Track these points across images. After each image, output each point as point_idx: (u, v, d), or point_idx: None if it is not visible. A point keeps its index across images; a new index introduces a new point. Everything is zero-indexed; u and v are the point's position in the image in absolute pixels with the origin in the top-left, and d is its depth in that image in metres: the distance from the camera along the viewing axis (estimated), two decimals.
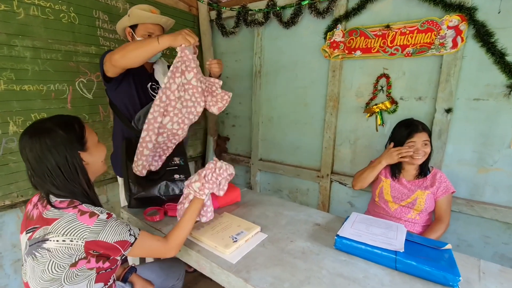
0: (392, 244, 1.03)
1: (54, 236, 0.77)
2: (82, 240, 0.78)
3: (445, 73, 1.57)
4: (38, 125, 0.83)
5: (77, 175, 0.85)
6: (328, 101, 2.01)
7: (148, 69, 1.53)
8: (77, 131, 0.87)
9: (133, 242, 0.88)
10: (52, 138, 0.81)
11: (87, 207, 0.84)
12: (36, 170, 0.82)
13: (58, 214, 0.80)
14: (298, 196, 2.35)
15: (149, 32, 1.40)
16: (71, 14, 1.63)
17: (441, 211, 1.43)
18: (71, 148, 0.83)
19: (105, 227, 0.82)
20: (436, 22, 1.55)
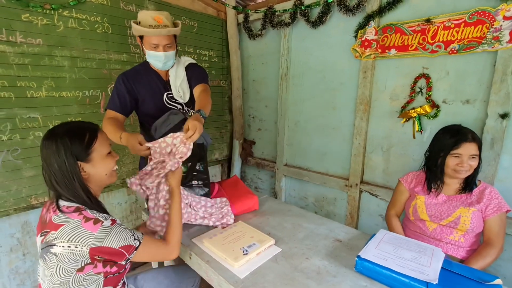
0: (424, 273, 0.89)
1: (60, 241, 0.80)
2: (86, 247, 0.80)
3: (500, 72, 1.34)
4: (55, 129, 0.87)
5: (74, 183, 0.85)
6: (358, 104, 1.86)
7: (164, 76, 1.49)
8: (84, 141, 0.87)
9: (138, 246, 0.89)
10: (57, 144, 0.83)
11: (92, 213, 0.85)
12: (45, 171, 0.85)
13: (64, 220, 0.82)
14: (325, 205, 2.22)
15: (154, 44, 1.31)
16: (105, 25, 1.74)
17: (491, 233, 1.21)
18: (71, 157, 0.84)
19: (109, 233, 0.83)
20: (489, 12, 1.33)
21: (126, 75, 1.42)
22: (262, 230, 1.23)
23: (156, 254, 0.97)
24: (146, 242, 0.93)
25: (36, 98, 1.53)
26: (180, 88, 1.48)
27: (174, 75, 1.47)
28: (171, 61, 1.41)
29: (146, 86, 1.44)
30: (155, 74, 1.46)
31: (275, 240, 1.16)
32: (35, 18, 1.48)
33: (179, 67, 1.48)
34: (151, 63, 1.42)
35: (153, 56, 1.36)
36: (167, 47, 1.34)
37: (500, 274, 1.48)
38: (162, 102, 1.47)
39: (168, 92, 1.49)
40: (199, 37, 2.30)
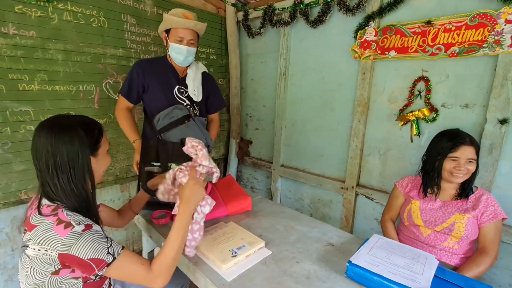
0: (416, 281, 0.86)
1: (32, 243, 0.74)
2: (55, 252, 0.73)
3: (501, 76, 1.31)
4: (59, 120, 0.81)
5: (82, 177, 0.82)
6: (356, 106, 1.84)
7: (180, 72, 1.55)
8: (94, 136, 0.86)
9: (110, 262, 0.77)
10: (70, 135, 0.79)
11: (68, 216, 0.77)
12: (42, 164, 0.78)
13: (39, 221, 0.76)
14: (320, 207, 2.19)
15: (180, 37, 1.40)
16: (101, 19, 1.71)
17: (486, 240, 1.18)
18: (85, 149, 0.81)
19: (77, 240, 0.73)
20: (491, 15, 1.30)
21: (141, 64, 1.49)
22: (253, 232, 1.21)
23: (134, 276, 0.81)
24: (124, 260, 0.80)
25: (28, 91, 1.51)
26: (196, 88, 1.56)
27: (193, 76, 1.54)
28: (191, 57, 1.48)
29: (158, 77, 1.49)
30: (171, 69, 1.52)
31: (266, 243, 1.13)
32: (28, 9, 1.45)
33: (198, 70, 1.58)
34: (172, 57, 1.47)
35: (176, 49, 1.42)
36: (190, 42, 1.42)
37: (495, 282, 1.46)
38: (172, 95, 1.51)
39: (179, 86, 1.53)
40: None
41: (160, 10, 1.99)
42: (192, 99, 1.55)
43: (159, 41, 2.02)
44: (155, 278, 0.82)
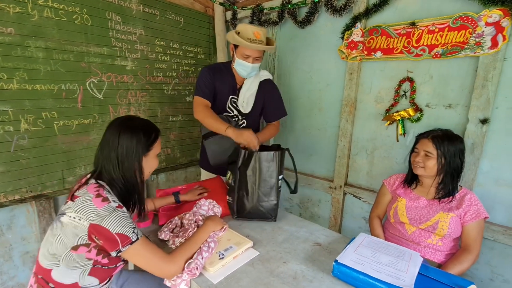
0: (400, 279, 0.88)
1: (70, 211, 0.83)
2: (87, 221, 0.81)
3: (482, 77, 1.35)
4: (128, 120, 0.97)
5: (132, 170, 0.94)
6: (344, 106, 1.85)
7: (239, 82, 1.61)
8: (151, 139, 0.98)
9: (134, 241, 0.85)
10: (133, 133, 0.93)
11: (107, 194, 0.87)
12: (104, 151, 0.93)
13: (82, 193, 0.86)
14: (309, 207, 2.20)
15: (247, 55, 1.44)
16: (84, 16, 1.66)
17: (469, 239, 1.21)
18: (140, 148, 0.95)
19: (111, 214, 0.83)
20: (471, 18, 1.34)
21: (211, 68, 1.58)
22: (241, 232, 1.20)
23: (152, 259, 0.88)
24: (146, 242, 0.89)
25: (6, 90, 1.44)
26: (246, 99, 1.59)
27: (248, 86, 1.58)
28: (254, 72, 1.55)
29: (222, 83, 1.57)
30: (231, 78, 1.59)
31: (253, 243, 1.13)
32: (6, 5, 1.39)
33: (254, 81, 1.60)
34: (236, 70, 1.54)
35: (241, 65, 1.49)
36: (256, 59, 1.47)
37: (476, 277, 1.50)
38: (225, 102, 1.60)
39: (232, 96, 1.60)
40: (186, 33, 2.24)
41: (146, 8, 1.95)
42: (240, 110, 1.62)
43: (145, 40, 1.99)
44: (172, 268, 0.90)
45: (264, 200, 1.29)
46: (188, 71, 2.31)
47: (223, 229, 1.16)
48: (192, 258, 0.96)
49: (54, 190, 1.68)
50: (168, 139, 2.26)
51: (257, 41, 1.41)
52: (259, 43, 1.42)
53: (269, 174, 1.27)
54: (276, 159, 1.26)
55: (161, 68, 2.12)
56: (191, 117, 2.40)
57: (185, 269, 0.92)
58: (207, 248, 1.01)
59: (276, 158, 1.26)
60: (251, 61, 1.46)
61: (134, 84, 1.97)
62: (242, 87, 1.59)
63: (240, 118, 1.65)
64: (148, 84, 2.06)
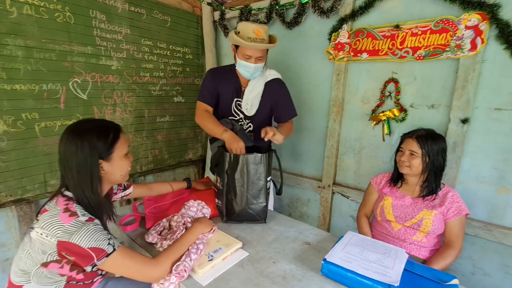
0: (387, 275, 0.89)
1: (37, 226, 0.79)
2: (55, 238, 0.76)
3: (462, 79, 1.40)
4: (80, 124, 0.88)
5: (89, 181, 0.86)
6: (331, 106, 1.88)
7: (244, 84, 1.55)
8: (108, 140, 0.88)
9: (111, 252, 0.81)
10: (83, 140, 0.83)
11: (76, 208, 0.82)
12: (61, 163, 0.86)
13: (50, 207, 0.81)
14: (299, 207, 2.22)
15: (247, 56, 1.37)
16: (66, 14, 1.61)
17: (451, 235, 1.25)
18: (94, 154, 0.85)
19: (80, 229, 0.77)
20: (452, 21, 1.39)
21: (215, 72, 1.54)
22: (230, 233, 1.19)
23: (133, 267, 0.84)
24: (125, 251, 0.84)
25: None
26: (250, 101, 1.53)
27: (251, 88, 1.52)
28: (258, 72, 1.47)
29: (226, 86, 1.52)
30: (236, 80, 1.53)
31: (243, 244, 1.13)
32: None
33: (259, 81, 1.52)
34: (239, 71, 1.49)
35: (243, 66, 1.42)
36: (258, 59, 1.39)
37: (459, 271, 1.55)
38: (229, 108, 1.56)
39: (237, 99, 1.55)
40: (173, 33, 2.22)
41: (132, 6, 1.92)
42: None
43: (131, 39, 1.95)
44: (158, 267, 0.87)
45: (253, 202, 1.28)
46: (176, 71, 2.29)
47: (212, 230, 1.15)
48: (180, 260, 0.94)
49: (36, 194, 1.62)
50: (155, 140, 2.22)
51: (258, 39, 1.33)
52: (260, 42, 1.34)
53: (257, 176, 1.26)
54: (264, 161, 1.25)
55: (148, 68, 2.08)
56: (179, 117, 2.37)
57: (173, 271, 0.90)
58: (195, 250, 1.00)
59: (264, 161, 1.25)
60: (253, 61, 1.38)
61: (120, 84, 1.93)
62: (246, 89, 1.53)
63: (245, 122, 1.59)
64: (135, 84, 2.02)
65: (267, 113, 1.60)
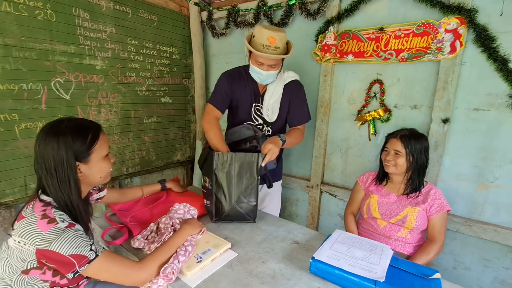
0: (373, 271, 0.92)
1: (14, 234, 0.76)
2: (33, 247, 0.74)
3: (443, 80, 1.45)
4: (57, 124, 0.83)
5: (67, 183, 0.82)
6: (319, 107, 1.91)
7: (261, 88, 1.49)
8: (86, 141, 0.84)
9: (93, 259, 0.78)
10: (59, 141, 0.80)
11: (55, 213, 0.79)
12: (37, 164, 0.82)
13: (27, 213, 0.78)
14: (287, 206, 2.24)
15: (260, 62, 1.32)
16: (48, 11, 1.56)
17: (434, 231, 1.30)
18: (71, 156, 0.82)
19: (60, 236, 0.74)
20: (433, 25, 1.44)
21: (230, 75, 1.46)
22: (219, 234, 1.19)
23: (119, 272, 0.82)
24: (108, 256, 0.82)
25: None
26: (271, 107, 1.48)
27: (271, 93, 1.46)
28: (271, 79, 1.41)
29: (243, 90, 1.46)
30: (253, 82, 1.47)
31: (232, 244, 1.12)
32: None
33: (278, 85, 1.46)
34: (252, 76, 1.43)
35: (255, 72, 1.37)
36: (271, 66, 1.33)
37: (441, 266, 1.61)
38: (249, 114, 1.50)
39: (256, 104, 1.49)
40: (160, 32, 2.19)
41: (117, 5, 1.88)
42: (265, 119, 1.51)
43: (116, 38, 1.91)
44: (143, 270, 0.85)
45: (243, 201, 1.28)
46: (163, 71, 2.26)
47: (201, 232, 1.14)
48: (168, 262, 0.93)
49: (16, 198, 1.56)
50: (142, 141, 2.19)
51: (271, 47, 1.26)
52: (273, 50, 1.26)
53: (248, 175, 1.26)
54: (254, 160, 1.26)
55: (134, 68, 2.05)
56: (167, 118, 2.34)
57: (160, 274, 0.89)
58: (184, 251, 0.99)
59: (254, 160, 1.25)
60: (265, 68, 1.33)
61: (105, 84, 1.89)
62: (266, 94, 1.46)
63: (266, 128, 1.53)
64: (120, 85, 1.98)
65: (285, 116, 1.54)
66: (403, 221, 1.31)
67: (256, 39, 1.28)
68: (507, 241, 1.38)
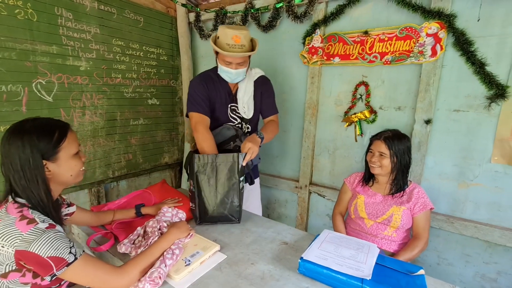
0: (360, 270, 0.93)
1: None
2: (12, 248, 0.72)
3: (425, 83, 1.50)
4: (22, 124, 0.82)
5: (36, 183, 0.81)
6: (307, 108, 1.93)
7: (232, 87, 1.50)
8: (52, 140, 0.83)
9: (72, 262, 0.76)
10: (23, 140, 0.79)
11: (33, 213, 0.78)
12: (4, 166, 0.81)
13: (3, 215, 0.76)
14: (277, 208, 2.25)
15: (227, 62, 1.33)
16: (28, 11, 1.51)
17: (418, 228, 1.34)
18: (37, 155, 0.81)
19: (40, 237, 0.73)
20: (415, 29, 1.49)
21: (202, 79, 1.46)
22: (208, 237, 1.18)
23: (97, 278, 0.80)
24: (87, 260, 0.80)
25: None
26: (246, 104, 1.50)
27: (243, 90, 1.48)
28: (241, 77, 1.43)
29: (216, 93, 1.46)
30: (224, 84, 1.48)
31: (221, 247, 1.12)
32: None
33: (248, 82, 1.49)
34: (222, 76, 1.44)
35: (224, 71, 1.39)
36: (239, 64, 1.35)
37: (426, 263, 1.65)
38: (226, 112, 1.50)
39: (231, 104, 1.50)
40: (146, 33, 2.16)
41: (101, 5, 1.84)
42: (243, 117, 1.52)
43: (101, 39, 1.87)
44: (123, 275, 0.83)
45: (226, 202, 1.28)
46: (150, 72, 2.23)
47: (190, 235, 1.13)
48: (155, 267, 0.92)
49: None
50: (129, 144, 2.15)
51: (237, 46, 1.28)
52: (239, 48, 1.29)
53: (229, 176, 1.26)
54: (234, 161, 1.25)
55: (120, 69, 2.01)
56: (154, 120, 2.31)
57: (147, 279, 0.87)
58: (171, 255, 0.97)
59: (235, 160, 1.25)
60: (234, 67, 1.35)
61: (90, 86, 1.84)
62: (238, 92, 1.48)
63: (245, 126, 1.56)
64: (106, 86, 1.94)
65: (258, 111, 1.59)
66: (389, 220, 1.34)
67: (221, 40, 1.30)
68: (487, 236, 1.44)
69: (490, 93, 1.37)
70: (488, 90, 1.37)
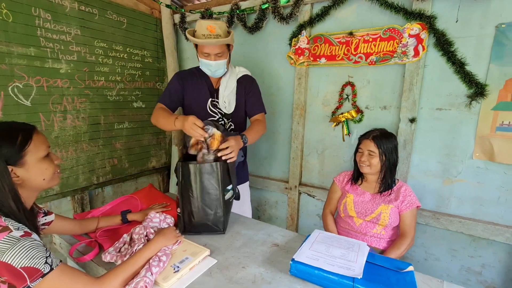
0: (351, 269, 0.93)
1: None
2: None
3: (408, 82, 1.54)
4: None
5: (3, 191, 0.77)
6: (294, 109, 1.94)
7: (214, 83, 1.52)
8: (16, 144, 0.79)
9: (47, 273, 0.72)
10: None
11: (6, 221, 0.74)
12: None
13: None
14: (267, 209, 2.24)
15: (206, 53, 1.35)
16: (3, 11, 1.45)
17: (405, 226, 1.36)
18: (0, 161, 0.76)
19: (14, 246, 0.69)
20: (398, 30, 1.52)
21: (181, 74, 1.52)
22: (197, 242, 1.15)
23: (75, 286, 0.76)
24: (64, 270, 0.75)
25: None
26: (227, 98, 1.51)
27: (225, 85, 1.49)
28: (221, 69, 1.43)
29: (195, 89, 1.49)
30: (206, 79, 1.50)
31: (211, 251, 1.09)
32: None
33: (231, 78, 1.51)
34: (203, 70, 1.45)
35: (204, 64, 1.40)
36: (217, 56, 1.37)
37: (414, 259, 1.69)
38: (205, 109, 1.51)
39: (212, 99, 1.51)
40: (130, 35, 2.11)
41: (82, 6, 1.78)
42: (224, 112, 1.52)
43: (82, 40, 1.81)
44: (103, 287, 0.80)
45: (209, 213, 1.22)
46: (135, 75, 2.17)
47: (178, 242, 1.09)
48: (139, 276, 0.88)
49: None
50: (113, 148, 2.08)
51: (212, 35, 1.31)
52: (214, 37, 1.31)
53: (211, 186, 1.21)
54: (217, 170, 1.19)
55: (103, 72, 1.95)
56: (140, 124, 2.26)
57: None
58: (157, 262, 0.94)
59: (217, 169, 1.19)
60: (212, 58, 1.36)
61: (71, 89, 1.78)
62: (220, 87, 1.50)
63: (226, 121, 1.56)
64: (88, 89, 1.87)
65: (243, 109, 1.59)
66: (377, 218, 1.36)
67: (198, 32, 1.34)
68: (471, 231, 1.48)
69: (470, 92, 1.41)
70: (468, 89, 1.42)
